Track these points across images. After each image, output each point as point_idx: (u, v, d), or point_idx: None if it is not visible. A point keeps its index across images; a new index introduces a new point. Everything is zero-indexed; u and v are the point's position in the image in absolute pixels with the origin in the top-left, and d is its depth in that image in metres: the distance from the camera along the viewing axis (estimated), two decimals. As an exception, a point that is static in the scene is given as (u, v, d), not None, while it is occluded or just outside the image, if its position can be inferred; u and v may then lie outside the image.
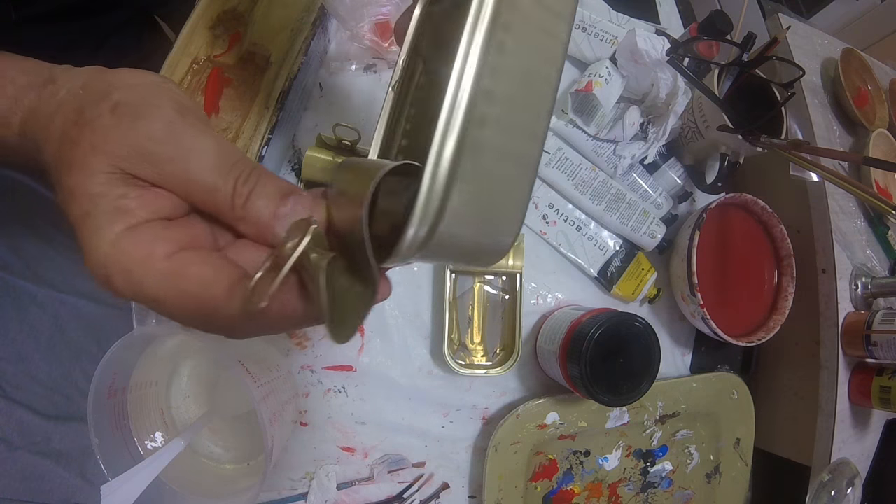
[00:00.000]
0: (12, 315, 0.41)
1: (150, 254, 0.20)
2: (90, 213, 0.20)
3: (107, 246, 0.20)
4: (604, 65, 0.55)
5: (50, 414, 0.43)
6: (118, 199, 0.21)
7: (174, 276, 0.20)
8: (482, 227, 0.20)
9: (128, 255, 0.20)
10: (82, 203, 0.21)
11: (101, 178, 0.21)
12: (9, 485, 0.41)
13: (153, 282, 0.20)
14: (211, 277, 0.20)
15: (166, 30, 0.72)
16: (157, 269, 0.20)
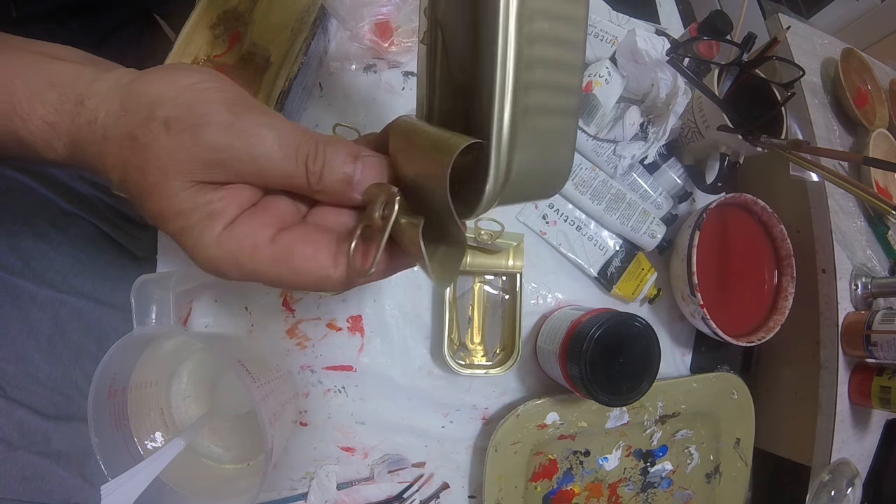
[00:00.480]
0: (12, 315, 0.41)
1: (254, 245, 0.22)
2: (185, 228, 0.22)
3: (212, 249, 0.22)
4: (604, 65, 0.55)
5: (50, 414, 0.43)
6: (206, 207, 0.22)
7: (283, 259, 0.22)
8: (542, 173, 0.22)
9: (234, 252, 0.22)
10: (175, 221, 0.22)
11: (183, 195, 0.22)
12: (9, 485, 0.41)
13: (265, 267, 0.23)
14: (315, 253, 0.23)
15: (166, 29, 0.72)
16: (265, 256, 0.22)
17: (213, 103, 0.22)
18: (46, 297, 0.43)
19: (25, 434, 0.41)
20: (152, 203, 0.22)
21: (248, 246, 0.22)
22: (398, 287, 0.51)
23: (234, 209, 0.23)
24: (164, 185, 0.22)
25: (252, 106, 0.23)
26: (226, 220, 0.22)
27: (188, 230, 0.22)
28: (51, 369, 0.43)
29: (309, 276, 0.23)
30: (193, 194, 0.22)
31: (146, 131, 0.22)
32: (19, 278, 0.42)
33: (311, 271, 0.23)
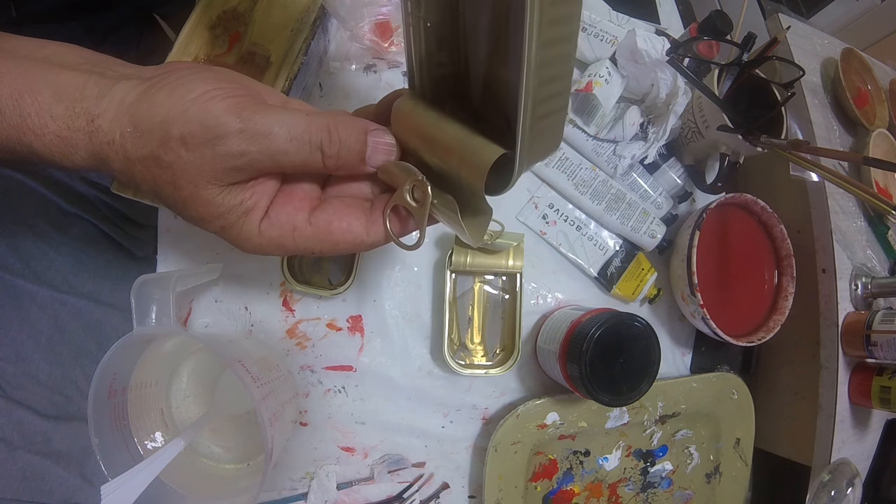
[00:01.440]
0: (12, 315, 0.41)
1: (293, 227, 0.26)
2: (226, 226, 0.26)
3: (255, 239, 0.26)
4: (604, 65, 0.55)
5: (50, 414, 0.43)
6: (241, 206, 0.25)
7: (322, 236, 0.26)
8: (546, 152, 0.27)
9: (276, 238, 0.26)
10: (216, 222, 0.25)
11: (217, 200, 0.25)
12: (9, 485, 0.41)
13: (307, 244, 0.26)
14: (349, 226, 0.27)
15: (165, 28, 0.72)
16: (305, 235, 0.26)
17: (221, 114, 0.23)
18: (46, 297, 0.43)
19: (25, 434, 0.41)
20: (191, 211, 0.25)
21: (289, 230, 0.26)
22: (398, 287, 0.51)
23: (266, 200, 0.26)
24: (198, 194, 0.24)
25: (258, 104, 0.25)
26: (261, 212, 0.26)
27: (229, 227, 0.26)
28: (51, 369, 0.43)
29: (346, 244, 0.27)
30: (226, 197, 0.25)
31: (167, 150, 0.24)
32: (19, 278, 0.42)
33: (347, 241, 0.27)
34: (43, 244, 0.43)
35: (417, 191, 0.26)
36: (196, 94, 0.24)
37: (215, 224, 0.26)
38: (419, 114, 0.26)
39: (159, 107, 0.24)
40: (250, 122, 0.24)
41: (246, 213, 0.25)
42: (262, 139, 0.24)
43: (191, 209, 0.25)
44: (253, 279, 0.47)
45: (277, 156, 0.24)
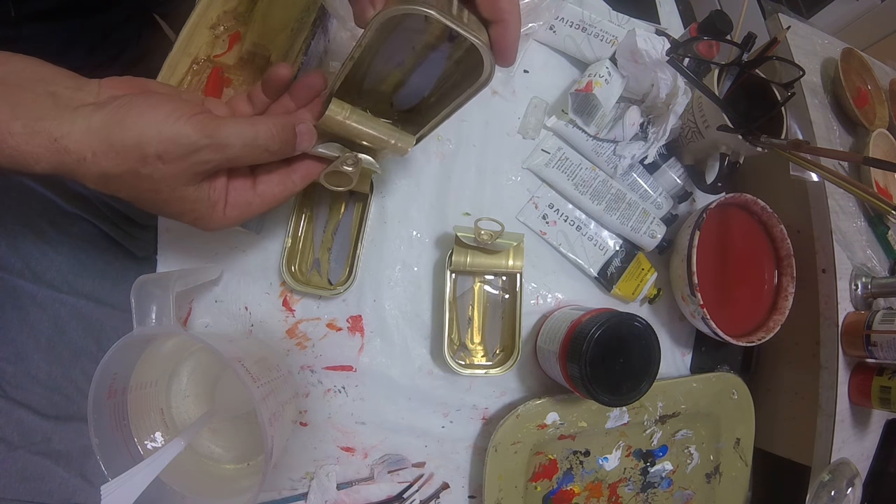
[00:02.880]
0: (12, 315, 0.41)
1: (247, 203, 0.34)
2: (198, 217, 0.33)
3: (220, 221, 0.34)
4: (604, 65, 0.55)
5: (50, 414, 0.43)
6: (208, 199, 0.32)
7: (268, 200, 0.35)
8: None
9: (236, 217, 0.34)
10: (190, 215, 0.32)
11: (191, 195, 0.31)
12: (9, 485, 0.41)
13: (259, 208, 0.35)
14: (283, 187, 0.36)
15: (165, 28, 0.72)
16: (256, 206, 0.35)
17: (188, 133, 0.29)
18: (46, 297, 0.43)
19: (25, 434, 0.41)
20: (170, 208, 0.31)
21: (244, 206, 0.34)
22: (398, 287, 0.51)
23: (223, 192, 0.33)
24: (175, 193, 0.30)
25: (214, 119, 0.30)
26: (223, 203, 0.33)
27: (202, 217, 0.33)
28: (51, 369, 0.43)
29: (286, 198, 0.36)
30: (196, 191, 0.31)
31: (145, 164, 0.28)
32: (19, 278, 0.42)
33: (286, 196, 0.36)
34: (43, 244, 0.43)
35: (351, 160, 0.37)
36: (163, 116, 0.28)
37: (189, 216, 0.32)
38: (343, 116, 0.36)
39: (131, 130, 0.28)
40: (214, 137, 0.29)
41: (213, 205, 0.32)
42: (224, 149, 0.30)
43: (170, 206, 0.31)
44: (253, 279, 0.47)
45: (234, 160, 0.31)
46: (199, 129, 0.29)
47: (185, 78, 0.44)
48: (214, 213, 0.33)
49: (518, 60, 0.57)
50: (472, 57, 0.33)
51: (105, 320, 0.46)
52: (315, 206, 0.48)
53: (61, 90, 0.29)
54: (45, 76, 0.29)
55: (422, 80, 0.39)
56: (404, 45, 0.36)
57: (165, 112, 0.28)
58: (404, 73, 0.38)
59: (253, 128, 0.31)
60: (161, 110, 0.28)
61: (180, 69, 0.44)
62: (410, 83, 0.39)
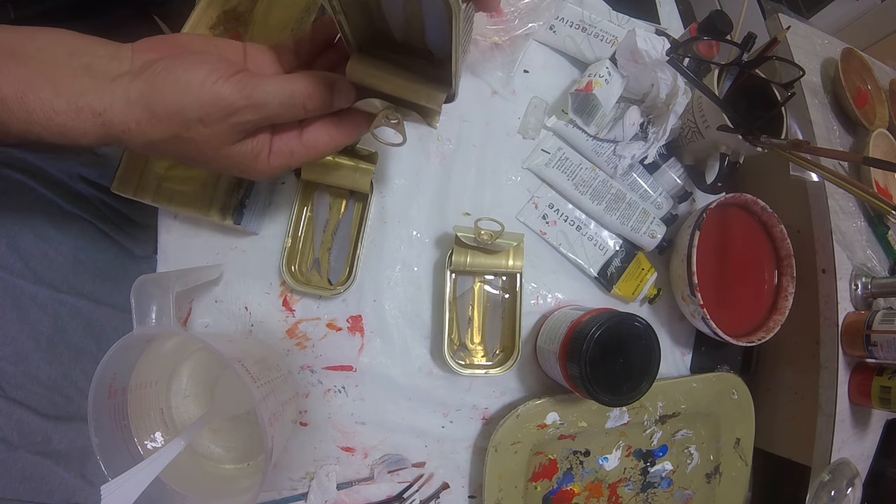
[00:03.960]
0: (12, 315, 0.41)
1: (291, 152, 0.34)
2: (245, 168, 0.33)
3: (267, 170, 0.34)
4: (604, 65, 0.55)
5: (50, 414, 0.43)
6: (251, 152, 0.32)
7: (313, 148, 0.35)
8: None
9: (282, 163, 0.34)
10: (236, 168, 0.33)
11: (235, 152, 0.32)
12: (9, 485, 0.41)
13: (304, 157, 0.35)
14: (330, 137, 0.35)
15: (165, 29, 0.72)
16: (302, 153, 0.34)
17: (226, 95, 0.29)
18: (46, 297, 0.43)
19: (25, 434, 0.41)
20: (216, 164, 0.32)
21: (288, 154, 0.34)
22: (398, 287, 0.51)
23: (267, 142, 0.33)
24: (220, 152, 0.31)
25: (252, 78, 0.30)
26: (267, 151, 0.33)
27: (247, 168, 0.33)
28: (51, 369, 0.43)
29: (333, 147, 0.35)
30: (240, 148, 0.32)
31: (188, 129, 0.29)
32: (19, 278, 0.42)
33: (333, 145, 0.35)
34: (43, 244, 0.43)
35: (392, 115, 0.35)
36: (200, 81, 0.29)
37: (236, 169, 0.33)
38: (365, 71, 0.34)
39: (170, 96, 0.28)
40: (251, 98, 0.29)
41: (256, 156, 0.33)
42: (262, 108, 0.30)
43: (215, 163, 0.32)
44: (253, 279, 0.47)
45: (273, 117, 0.31)
46: (238, 90, 0.29)
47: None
48: (258, 163, 0.33)
49: (518, 61, 0.57)
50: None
51: (105, 320, 0.46)
52: (315, 206, 0.48)
53: (96, 61, 0.29)
54: (76, 48, 0.30)
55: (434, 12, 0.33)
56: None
57: (203, 75, 0.29)
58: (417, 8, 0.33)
59: (290, 86, 0.31)
60: (198, 73, 0.29)
61: (180, 69, 0.44)
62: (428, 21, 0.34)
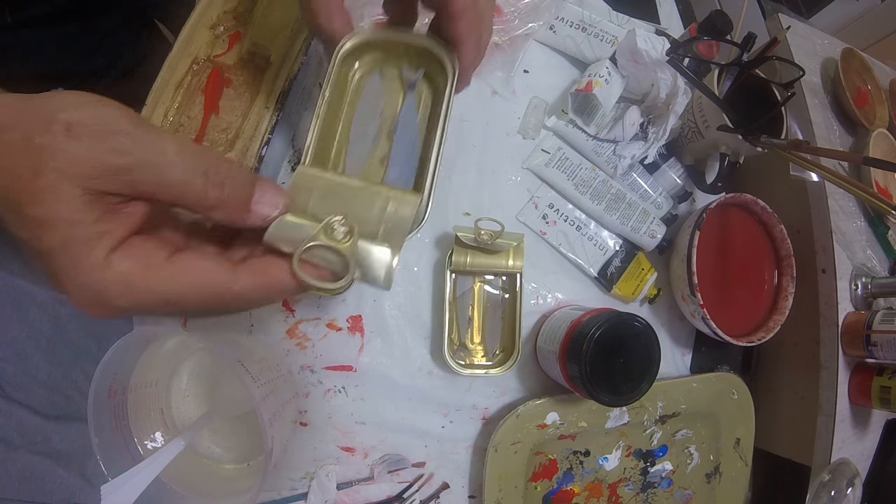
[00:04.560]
0: (12, 315, 0.41)
1: (148, 263, 0.22)
2: (70, 241, 0.20)
3: (98, 269, 0.21)
4: (604, 65, 0.55)
5: (50, 414, 0.43)
6: (96, 224, 0.21)
7: (182, 274, 0.22)
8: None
9: (125, 273, 0.21)
10: (59, 231, 0.20)
11: (76, 203, 0.20)
12: (9, 485, 0.41)
13: (161, 285, 0.22)
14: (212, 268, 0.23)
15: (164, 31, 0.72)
16: (164, 273, 0.22)
17: (117, 116, 0.22)
18: (46, 297, 0.43)
19: (25, 434, 0.41)
20: (35, 208, 0.20)
21: (142, 264, 0.22)
22: (398, 287, 0.51)
23: (123, 231, 0.22)
24: (58, 187, 0.20)
25: (152, 125, 0.23)
26: (116, 239, 0.22)
27: (71, 245, 0.21)
28: (51, 369, 0.43)
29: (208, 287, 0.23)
30: (85, 204, 0.21)
31: (43, 132, 0.20)
32: (19, 278, 0.42)
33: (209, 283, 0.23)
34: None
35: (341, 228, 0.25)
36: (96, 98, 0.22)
37: (58, 233, 0.20)
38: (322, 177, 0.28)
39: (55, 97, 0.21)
40: (142, 128, 0.22)
41: (97, 236, 0.21)
42: (153, 144, 0.22)
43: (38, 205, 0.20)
44: (253, 279, 0.47)
45: (163, 166, 0.22)
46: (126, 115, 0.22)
47: (185, 78, 0.44)
48: (95, 250, 0.21)
49: (518, 61, 0.57)
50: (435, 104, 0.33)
51: (105, 320, 0.46)
52: None
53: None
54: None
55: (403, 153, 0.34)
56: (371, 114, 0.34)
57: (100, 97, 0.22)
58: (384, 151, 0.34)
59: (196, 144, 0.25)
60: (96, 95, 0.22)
61: (180, 69, 0.44)
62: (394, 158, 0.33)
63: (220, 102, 0.44)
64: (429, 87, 0.35)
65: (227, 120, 0.44)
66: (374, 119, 0.34)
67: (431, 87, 0.35)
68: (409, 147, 0.34)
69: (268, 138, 0.43)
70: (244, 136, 0.43)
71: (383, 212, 0.26)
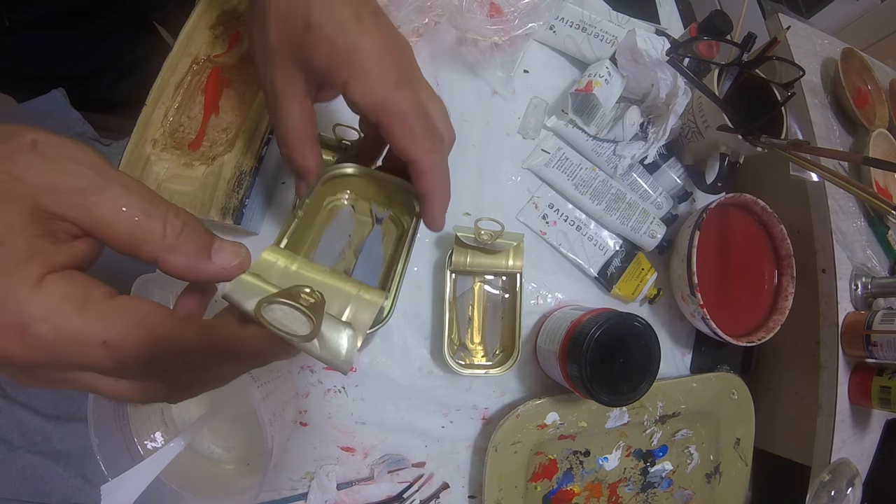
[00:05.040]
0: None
1: (87, 294, 0.19)
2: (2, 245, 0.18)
3: (27, 289, 0.18)
4: (604, 65, 0.55)
5: (50, 414, 0.43)
6: (36, 239, 0.19)
7: (127, 311, 0.20)
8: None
9: (60, 294, 0.19)
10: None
11: (18, 208, 0.19)
12: (9, 485, 0.41)
13: (100, 320, 0.19)
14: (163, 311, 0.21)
15: (163, 33, 0.72)
16: (105, 307, 0.19)
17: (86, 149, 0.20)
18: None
19: (25, 434, 0.41)
20: None
21: (81, 294, 0.19)
22: (398, 287, 0.51)
23: (64, 259, 0.20)
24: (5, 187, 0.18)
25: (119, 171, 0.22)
26: (53, 263, 0.19)
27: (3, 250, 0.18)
28: (51, 369, 0.43)
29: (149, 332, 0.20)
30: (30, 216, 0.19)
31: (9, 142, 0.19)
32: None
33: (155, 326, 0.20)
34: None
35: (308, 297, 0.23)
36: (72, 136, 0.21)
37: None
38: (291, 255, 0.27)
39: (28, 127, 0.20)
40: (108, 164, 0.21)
41: (34, 253, 0.18)
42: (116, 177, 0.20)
43: None
44: (253, 279, 0.47)
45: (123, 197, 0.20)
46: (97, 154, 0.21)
47: (185, 78, 0.44)
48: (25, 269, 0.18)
49: (518, 61, 0.57)
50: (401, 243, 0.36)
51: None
52: None
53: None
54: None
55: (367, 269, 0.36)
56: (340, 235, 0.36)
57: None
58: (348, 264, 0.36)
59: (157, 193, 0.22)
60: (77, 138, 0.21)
61: (180, 69, 0.44)
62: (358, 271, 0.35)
63: (220, 102, 0.44)
64: (395, 226, 0.38)
65: (227, 120, 0.44)
66: (341, 239, 0.36)
67: (396, 225, 0.38)
68: (374, 262, 0.36)
69: (268, 138, 0.43)
70: (244, 136, 0.43)
71: (350, 297, 0.26)
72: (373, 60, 0.29)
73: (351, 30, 0.28)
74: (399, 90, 0.29)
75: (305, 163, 0.33)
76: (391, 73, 0.29)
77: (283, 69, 0.30)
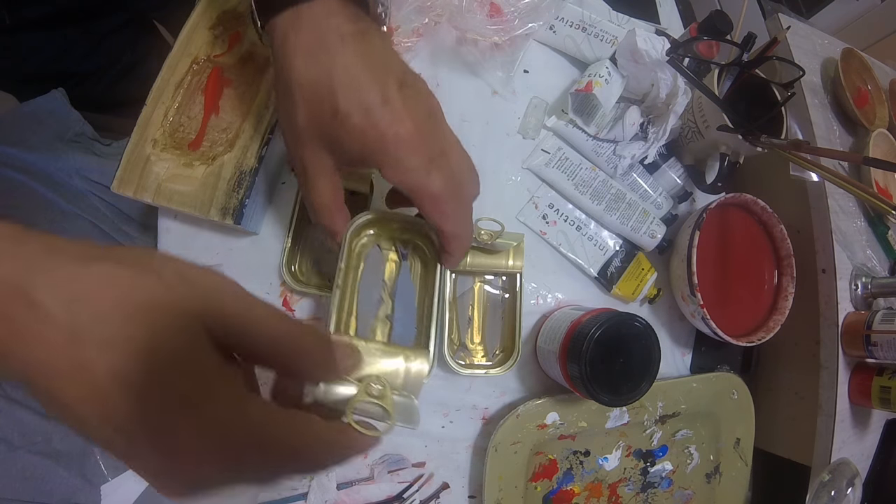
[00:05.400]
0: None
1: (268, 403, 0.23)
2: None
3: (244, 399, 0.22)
4: (604, 65, 0.55)
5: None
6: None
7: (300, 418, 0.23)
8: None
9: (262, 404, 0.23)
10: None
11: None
12: (9, 485, 0.41)
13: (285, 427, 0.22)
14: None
15: (164, 33, 0.72)
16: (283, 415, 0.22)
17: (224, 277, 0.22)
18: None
19: (25, 434, 0.41)
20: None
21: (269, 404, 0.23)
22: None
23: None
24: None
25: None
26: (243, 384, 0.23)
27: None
28: (51, 369, 0.43)
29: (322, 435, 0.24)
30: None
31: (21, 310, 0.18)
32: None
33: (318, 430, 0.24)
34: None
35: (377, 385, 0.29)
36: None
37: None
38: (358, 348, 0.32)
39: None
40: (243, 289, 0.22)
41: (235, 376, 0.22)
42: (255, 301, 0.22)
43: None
44: (253, 279, 0.47)
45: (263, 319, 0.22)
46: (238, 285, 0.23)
47: (185, 78, 0.44)
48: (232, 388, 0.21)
49: (518, 61, 0.57)
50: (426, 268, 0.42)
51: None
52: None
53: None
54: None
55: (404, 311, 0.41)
56: (375, 280, 0.41)
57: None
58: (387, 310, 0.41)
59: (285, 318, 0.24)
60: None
61: (180, 69, 0.44)
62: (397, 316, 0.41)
63: (220, 102, 0.44)
64: (419, 256, 0.43)
65: (227, 120, 0.44)
66: (377, 284, 0.41)
67: (420, 256, 0.43)
68: (408, 304, 0.41)
69: (268, 138, 0.43)
70: (244, 135, 0.43)
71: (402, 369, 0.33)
72: (403, 148, 0.30)
73: (379, 117, 0.29)
74: (430, 174, 0.31)
75: (335, 228, 0.36)
76: (422, 155, 0.30)
77: (314, 151, 0.31)
